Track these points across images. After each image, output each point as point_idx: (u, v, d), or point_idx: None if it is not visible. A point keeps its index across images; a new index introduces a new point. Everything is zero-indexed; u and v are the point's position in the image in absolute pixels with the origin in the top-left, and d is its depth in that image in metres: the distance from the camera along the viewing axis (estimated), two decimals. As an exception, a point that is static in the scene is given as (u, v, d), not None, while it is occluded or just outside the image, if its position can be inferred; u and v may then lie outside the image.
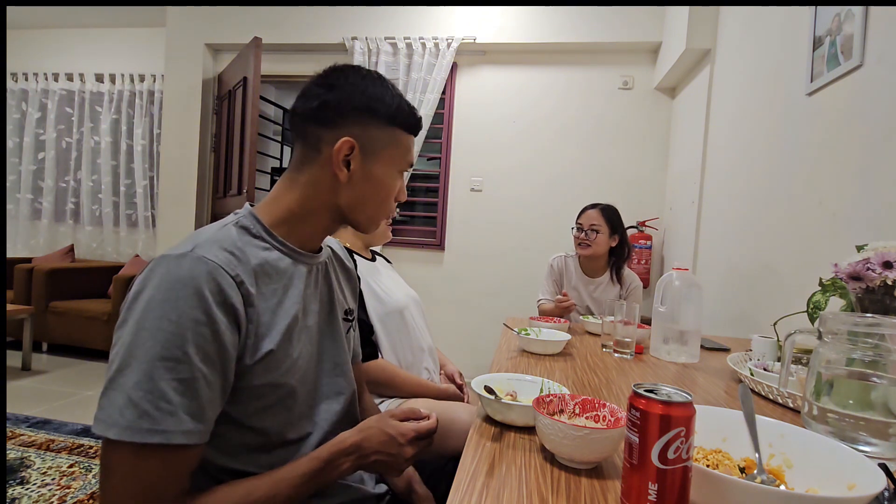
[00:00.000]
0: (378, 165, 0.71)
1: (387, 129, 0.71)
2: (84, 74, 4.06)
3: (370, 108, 0.70)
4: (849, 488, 0.46)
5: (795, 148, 1.60)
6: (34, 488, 1.75)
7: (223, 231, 0.65)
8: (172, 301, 0.55)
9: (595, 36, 2.97)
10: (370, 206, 0.73)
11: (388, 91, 0.72)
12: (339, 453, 0.66)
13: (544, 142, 3.15)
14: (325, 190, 0.70)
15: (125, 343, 0.54)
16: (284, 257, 0.69)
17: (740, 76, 2.10)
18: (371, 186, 0.72)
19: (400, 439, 0.68)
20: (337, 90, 0.69)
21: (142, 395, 0.52)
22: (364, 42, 3.15)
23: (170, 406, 0.53)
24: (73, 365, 3.29)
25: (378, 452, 0.67)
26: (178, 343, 0.54)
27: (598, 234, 2.03)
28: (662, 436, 0.43)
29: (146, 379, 0.53)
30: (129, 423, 0.51)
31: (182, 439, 0.54)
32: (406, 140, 0.75)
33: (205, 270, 0.57)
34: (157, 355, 0.53)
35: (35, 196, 4.19)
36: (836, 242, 1.35)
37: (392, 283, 1.36)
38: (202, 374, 0.56)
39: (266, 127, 4.14)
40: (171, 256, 0.58)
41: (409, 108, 0.74)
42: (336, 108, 0.69)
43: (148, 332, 0.54)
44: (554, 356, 1.23)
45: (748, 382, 0.98)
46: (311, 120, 0.70)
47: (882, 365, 0.63)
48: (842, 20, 1.37)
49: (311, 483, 0.64)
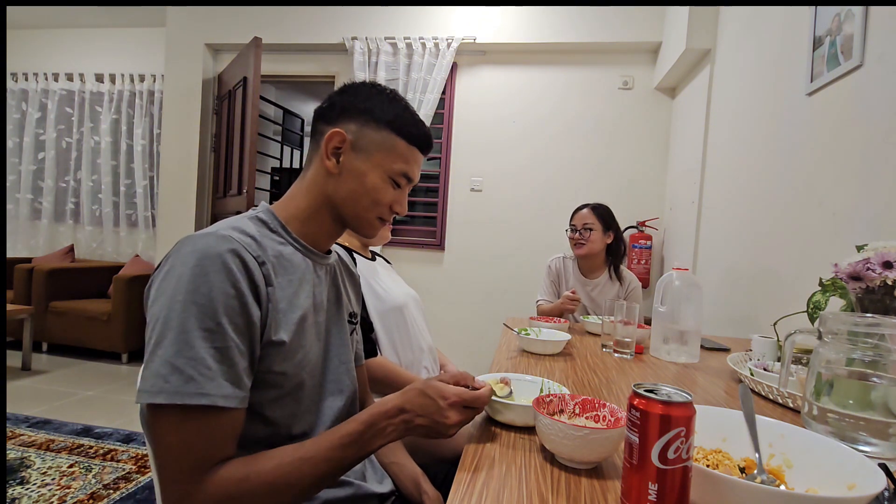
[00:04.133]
0: (367, 164, 0.73)
1: (383, 131, 0.74)
2: (84, 74, 4.06)
3: (369, 109, 0.74)
4: (849, 488, 0.46)
5: (795, 148, 1.60)
6: (34, 488, 1.75)
7: (242, 221, 0.69)
8: (202, 275, 0.58)
9: (595, 36, 2.97)
10: (357, 204, 0.75)
11: (396, 102, 0.76)
12: (381, 415, 0.64)
13: (544, 142, 3.15)
14: (320, 182, 0.74)
15: (160, 317, 0.57)
16: (298, 253, 0.72)
17: (740, 76, 2.10)
18: (359, 183, 0.73)
19: (441, 402, 0.64)
20: (346, 94, 0.76)
21: (184, 362, 0.55)
22: (364, 42, 3.15)
23: (210, 371, 0.56)
24: (73, 365, 3.29)
25: (420, 416, 0.64)
26: (210, 314, 0.57)
27: (591, 231, 2.04)
28: (662, 436, 0.43)
29: (186, 347, 0.55)
30: (175, 387, 0.54)
31: (223, 402, 0.56)
32: (404, 149, 0.75)
33: (230, 248, 0.60)
34: (193, 326, 0.56)
35: (35, 196, 4.19)
36: (836, 242, 1.35)
37: (391, 281, 1.36)
38: (235, 344, 0.58)
39: (266, 127, 4.14)
40: (196, 235, 0.62)
41: (413, 119, 0.76)
42: (339, 107, 0.74)
43: (181, 304, 0.56)
44: (554, 356, 1.23)
45: (748, 382, 0.98)
46: (319, 118, 0.76)
47: (882, 365, 0.63)
48: (842, 20, 1.37)
49: (352, 446, 0.62)
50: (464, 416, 0.65)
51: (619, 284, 2.10)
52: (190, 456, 0.55)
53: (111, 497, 1.73)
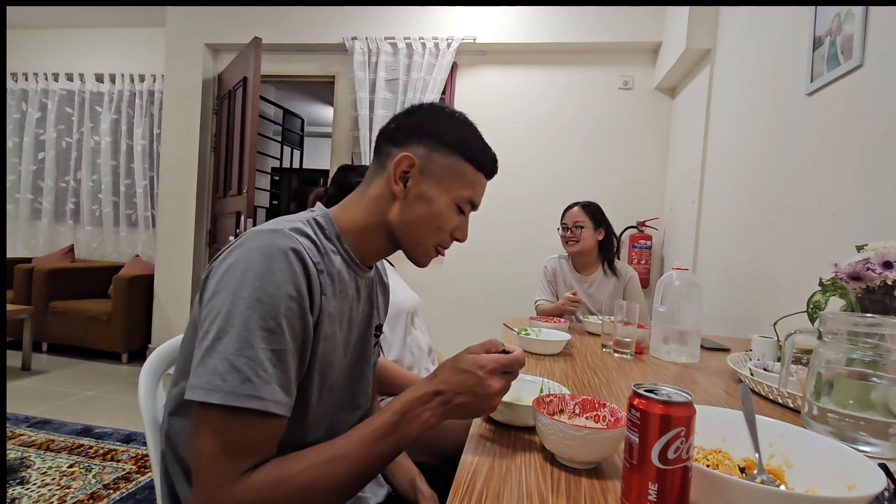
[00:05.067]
0: (435, 190, 0.72)
1: (452, 157, 0.72)
2: (84, 74, 4.06)
3: (438, 134, 0.72)
4: (849, 488, 0.46)
5: (795, 148, 1.60)
6: (34, 488, 1.75)
7: (302, 223, 0.67)
8: (268, 273, 0.57)
9: (595, 36, 2.97)
10: (419, 230, 0.73)
11: (465, 126, 0.75)
12: (415, 402, 0.61)
13: (544, 142, 3.15)
14: (383, 205, 0.73)
15: (222, 312, 0.56)
16: (346, 265, 0.71)
17: (740, 76, 2.10)
18: (424, 208, 0.72)
19: (479, 372, 0.60)
20: (413, 116, 0.74)
21: (244, 362, 0.54)
22: (364, 42, 3.15)
23: (266, 375, 0.55)
24: (73, 365, 3.29)
25: (460, 394, 0.60)
26: (273, 314, 0.56)
27: (582, 229, 2.07)
28: (662, 436, 0.43)
29: (246, 346, 0.54)
30: (232, 387, 0.53)
31: (275, 409, 0.55)
32: (472, 174, 0.74)
33: (296, 250, 0.60)
34: (256, 324, 0.55)
35: (35, 196, 4.19)
36: (836, 242, 1.35)
37: (397, 285, 1.37)
38: (290, 348, 0.58)
39: (266, 127, 4.15)
40: (263, 231, 0.61)
41: (482, 143, 0.75)
42: (408, 130, 0.73)
43: (245, 301, 0.55)
44: (554, 356, 1.23)
45: (748, 382, 0.98)
46: (386, 139, 0.74)
47: (882, 365, 0.63)
48: (842, 20, 1.37)
49: (386, 439, 0.59)
50: (504, 382, 0.62)
51: (615, 278, 2.12)
52: (228, 458, 0.54)
53: (111, 497, 1.73)
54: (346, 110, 3.32)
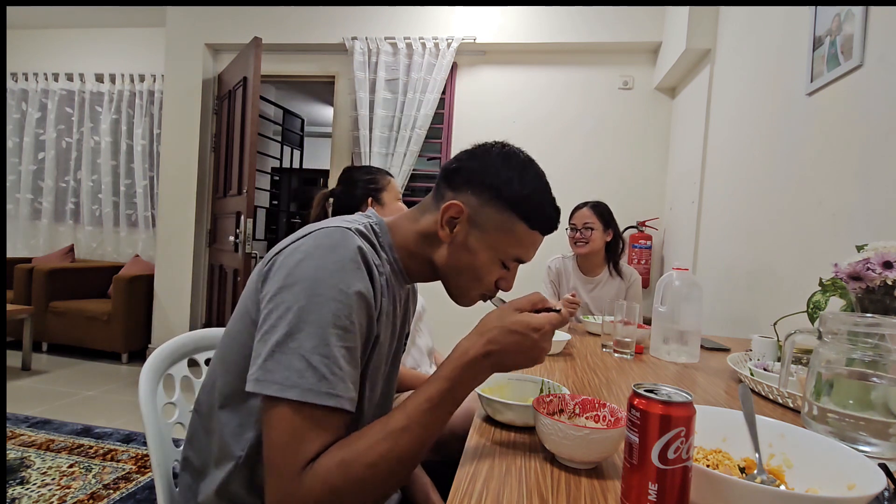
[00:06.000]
0: (480, 243, 0.70)
1: (505, 212, 0.69)
2: (84, 74, 4.06)
3: (495, 186, 0.69)
4: (849, 488, 0.46)
5: (795, 148, 1.60)
6: (34, 488, 1.75)
7: (365, 227, 0.68)
8: (342, 272, 0.57)
9: (595, 36, 2.97)
10: (461, 277, 0.73)
11: (530, 181, 0.71)
12: (466, 366, 0.59)
13: (544, 142, 3.15)
14: (429, 241, 0.73)
15: (293, 308, 0.56)
16: (394, 274, 0.72)
17: (740, 76, 2.10)
18: (467, 258, 0.71)
19: (534, 335, 0.60)
20: (476, 160, 0.72)
21: (320, 360, 0.54)
22: (364, 42, 3.15)
23: (342, 372, 0.55)
24: (73, 365, 3.29)
25: (512, 353, 0.60)
26: (347, 312, 0.56)
27: (592, 231, 2.06)
28: (662, 436, 0.43)
29: (322, 344, 0.55)
30: (310, 385, 0.53)
31: (348, 406, 0.56)
32: (524, 233, 0.70)
33: (363, 251, 0.61)
34: (331, 322, 0.55)
35: (35, 196, 4.19)
36: (836, 242, 1.35)
37: None
38: (359, 346, 0.58)
39: (266, 127, 4.15)
40: (331, 228, 0.61)
41: (541, 201, 0.71)
42: (465, 175, 0.71)
43: (322, 297, 0.55)
44: (554, 356, 1.23)
45: (748, 382, 0.98)
46: (444, 178, 0.73)
47: (882, 365, 0.63)
48: (842, 20, 1.37)
49: (443, 406, 0.59)
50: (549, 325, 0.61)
51: (620, 280, 2.12)
52: (300, 450, 0.54)
53: (111, 497, 1.73)
54: (346, 110, 3.32)
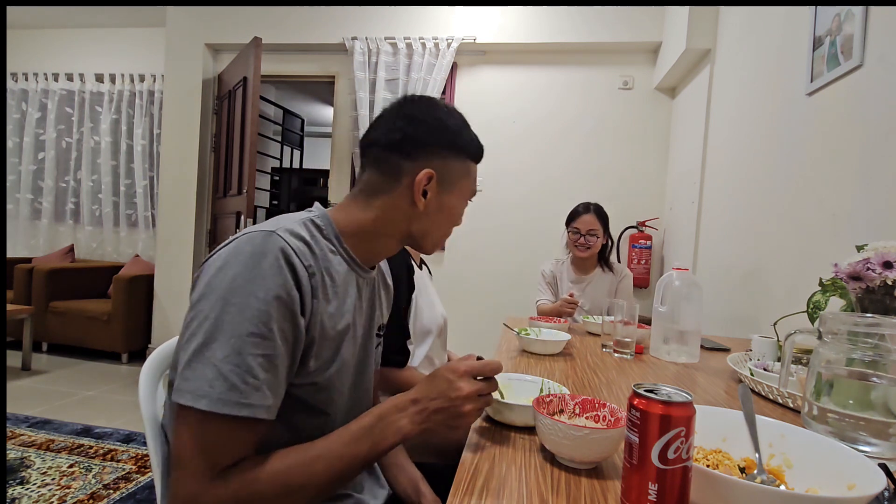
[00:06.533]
0: (452, 196, 0.75)
1: (461, 160, 0.75)
2: (84, 74, 4.06)
3: (449, 141, 0.73)
4: (849, 488, 0.46)
5: (795, 148, 1.60)
6: (34, 488, 1.75)
7: (300, 224, 0.66)
8: (259, 278, 0.57)
9: (595, 36, 2.97)
10: (438, 234, 0.77)
11: (461, 122, 0.75)
12: (393, 408, 0.63)
13: (544, 142, 3.15)
14: (400, 217, 0.72)
15: (210, 317, 0.56)
16: (346, 266, 0.71)
17: (740, 76, 2.10)
18: (443, 216, 0.75)
19: (450, 376, 0.62)
20: (418, 124, 0.71)
21: (230, 369, 0.54)
22: (364, 42, 3.15)
23: (256, 381, 0.55)
24: (73, 365, 3.29)
25: (433, 399, 0.62)
26: (264, 319, 0.56)
27: (596, 238, 2.13)
28: (662, 436, 0.43)
29: (235, 353, 0.54)
30: (219, 394, 0.53)
31: (264, 414, 0.56)
32: (475, 170, 0.78)
33: (286, 253, 0.59)
34: (246, 331, 0.55)
35: (35, 196, 4.19)
36: (836, 242, 1.35)
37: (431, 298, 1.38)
38: (280, 353, 0.58)
39: (266, 127, 4.15)
40: (257, 234, 0.60)
41: (475, 135, 0.77)
42: (419, 142, 0.71)
43: (236, 307, 0.55)
44: (554, 356, 1.23)
45: (748, 382, 0.98)
46: (392, 150, 0.71)
47: (882, 365, 0.63)
48: (842, 20, 1.37)
49: (363, 441, 0.61)
50: (476, 387, 0.62)
51: (611, 274, 2.20)
52: (208, 457, 0.55)
53: (111, 497, 1.73)
54: (346, 110, 3.32)
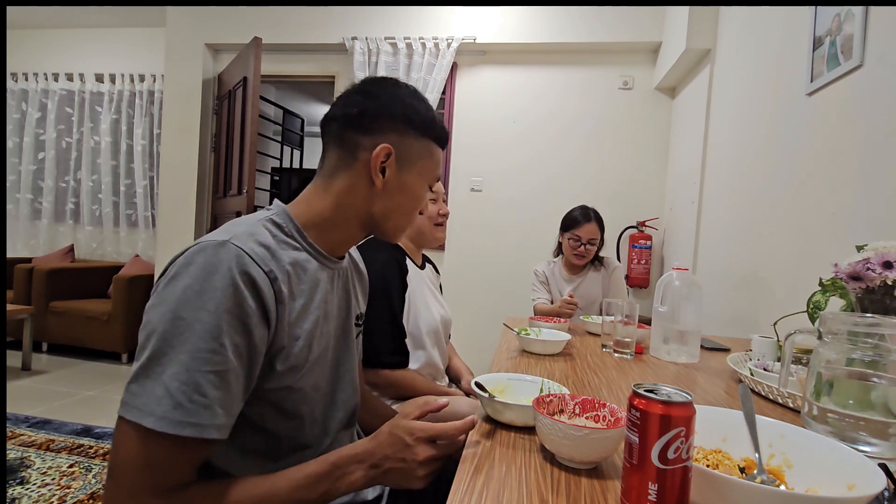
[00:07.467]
0: (412, 176, 0.73)
1: (421, 139, 0.73)
2: (84, 74, 4.06)
3: (407, 117, 0.71)
4: (849, 488, 0.46)
5: (795, 148, 1.60)
6: (34, 488, 1.75)
7: (258, 226, 0.65)
8: (210, 291, 0.55)
9: (595, 36, 2.97)
10: (399, 216, 0.74)
11: (422, 103, 0.74)
12: (348, 459, 0.61)
13: (544, 142, 3.15)
14: (359, 197, 0.71)
15: (159, 331, 0.53)
16: (312, 260, 0.69)
17: (740, 76, 2.10)
18: (404, 196, 0.73)
19: (408, 439, 0.60)
20: (375, 98, 0.71)
21: (178, 387, 0.52)
22: (364, 42, 3.15)
23: (205, 399, 0.53)
24: (73, 365, 3.29)
25: (389, 458, 0.61)
26: (215, 334, 0.54)
27: (595, 246, 2.16)
28: (662, 436, 0.43)
29: (183, 370, 0.52)
30: (164, 413, 0.51)
31: (214, 434, 0.54)
32: (437, 153, 0.76)
33: (241, 262, 0.57)
34: (195, 346, 0.53)
35: (35, 196, 4.19)
36: (836, 242, 1.35)
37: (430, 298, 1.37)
38: (233, 367, 0.55)
39: (266, 127, 4.14)
40: (209, 244, 0.58)
41: (440, 121, 0.76)
42: (375, 116, 0.70)
43: (185, 322, 0.53)
44: (554, 356, 1.23)
45: (748, 382, 0.98)
46: (349, 126, 0.71)
47: (882, 365, 0.63)
48: (842, 20, 1.37)
49: (315, 486, 0.59)
50: (434, 450, 0.61)
51: (603, 269, 2.22)
52: (150, 476, 0.52)
53: (111, 497, 1.73)
54: (346, 110, 3.32)
